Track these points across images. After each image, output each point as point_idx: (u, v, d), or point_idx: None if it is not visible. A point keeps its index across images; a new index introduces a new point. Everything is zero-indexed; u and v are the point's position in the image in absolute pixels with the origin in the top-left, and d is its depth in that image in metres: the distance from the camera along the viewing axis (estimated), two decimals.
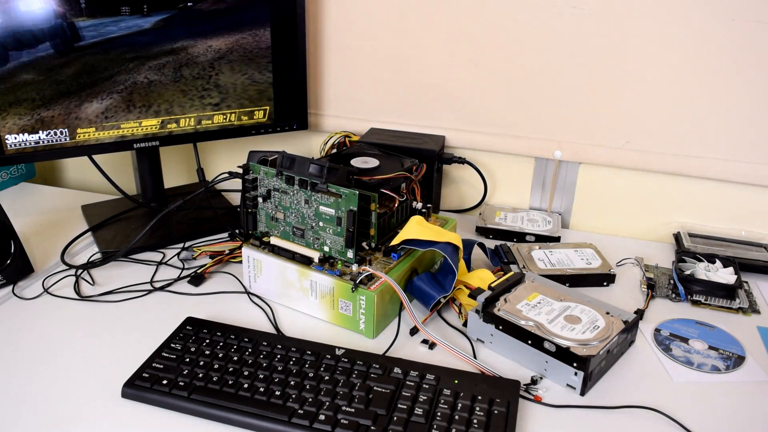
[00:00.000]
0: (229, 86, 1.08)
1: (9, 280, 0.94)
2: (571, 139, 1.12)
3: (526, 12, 1.06)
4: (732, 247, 1.05)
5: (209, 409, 0.69)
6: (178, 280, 0.96)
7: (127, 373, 0.74)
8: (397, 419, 0.67)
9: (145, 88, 1.02)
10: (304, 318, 0.88)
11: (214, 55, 1.05)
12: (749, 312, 0.91)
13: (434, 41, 1.13)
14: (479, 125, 1.16)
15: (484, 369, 0.77)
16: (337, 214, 0.83)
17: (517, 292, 0.85)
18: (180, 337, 0.79)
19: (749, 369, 0.80)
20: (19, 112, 0.96)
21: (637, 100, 1.06)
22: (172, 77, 1.04)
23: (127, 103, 1.02)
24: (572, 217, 1.19)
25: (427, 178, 1.07)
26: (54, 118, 0.98)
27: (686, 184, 1.10)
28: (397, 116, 1.20)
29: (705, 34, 0.99)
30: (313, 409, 0.68)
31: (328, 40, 1.18)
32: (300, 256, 0.87)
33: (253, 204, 0.90)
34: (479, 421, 0.67)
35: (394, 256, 0.88)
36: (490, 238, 1.11)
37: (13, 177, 1.32)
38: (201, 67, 1.05)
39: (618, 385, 0.76)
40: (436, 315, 0.89)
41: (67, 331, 0.84)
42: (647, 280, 0.96)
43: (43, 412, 0.70)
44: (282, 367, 0.74)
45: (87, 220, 1.14)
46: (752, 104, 1.01)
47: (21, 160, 0.99)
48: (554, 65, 1.08)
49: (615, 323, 0.79)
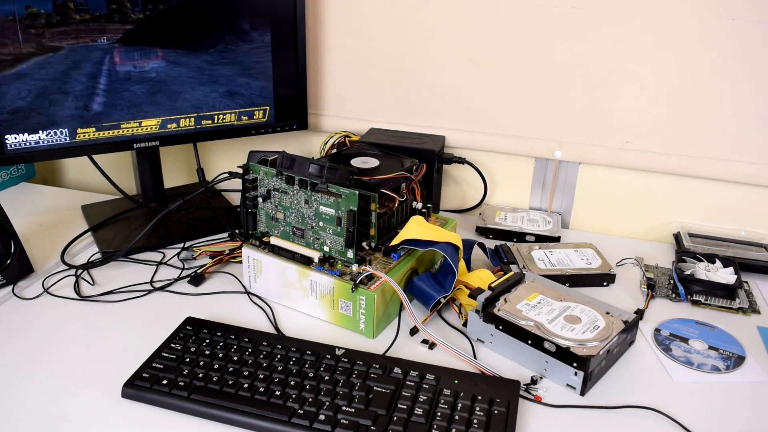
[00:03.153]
0: (228, 86, 1.08)
1: (9, 280, 0.94)
2: (571, 139, 1.12)
3: (526, 12, 1.06)
4: (732, 247, 1.05)
5: (209, 409, 0.69)
6: (178, 280, 0.96)
7: (127, 373, 0.74)
8: (397, 419, 0.67)
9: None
10: (304, 318, 0.88)
11: (214, 54, 1.05)
12: (749, 312, 0.91)
13: (434, 41, 1.13)
14: (479, 125, 1.16)
15: (484, 369, 0.77)
16: (337, 214, 0.83)
17: (517, 292, 0.85)
18: (180, 337, 0.79)
19: (749, 369, 0.80)
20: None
21: (637, 100, 1.06)
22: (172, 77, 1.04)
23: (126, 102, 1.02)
24: (572, 217, 1.19)
25: (427, 178, 1.07)
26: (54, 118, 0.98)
27: (686, 184, 1.10)
28: (397, 116, 1.20)
29: (705, 34, 0.99)
30: (313, 409, 0.68)
31: (328, 40, 1.19)
32: (300, 256, 0.87)
33: (253, 204, 0.90)
34: (479, 421, 0.67)
35: (394, 256, 0.88)
36: (490, 238, 1.11)
37: (13, 177, 1.32)
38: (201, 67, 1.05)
39: (618, 385, 0.76)
40: (436, 315, 0.89)
41: (67, 331, 0.84)
42: (647, 280, 0.96)
43: (43, 412, 0.70)
44: (282, 367, 0.74)
45: (87, 220, 1.14)
46: (752, 104, 1.01)
47: (21, 160, 0.99)
48: (554, 65, 1.08)
49: (615, 323, 0.79)
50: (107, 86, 0.98)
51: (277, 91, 1.12)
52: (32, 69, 0.89)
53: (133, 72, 0.99)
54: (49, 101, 0.90)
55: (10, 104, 0.86)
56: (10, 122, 0.87)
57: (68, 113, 0.95)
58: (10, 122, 0.87)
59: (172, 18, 0.99)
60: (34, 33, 0.86)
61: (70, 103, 0.94)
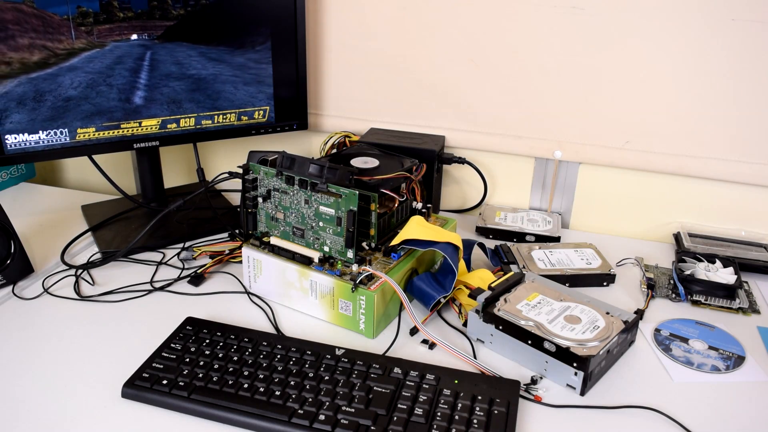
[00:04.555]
0: (229, 86, 1.08)
1: (9, 280, 0.94)
2: (571, 139, 1.12)
3: (526, 12, 1.06)
4: (732, 247, 1.05)
5: (209, 409, 0.69)
6: (178, 280, 0.96)
7: (127, 373, 0.74)
8: (397, 419, 0.67)
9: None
10: (304, 318, 0.88)
11: (213, 54, 1.05)
12: (749, 312, 0.91)
13: (434, 41, 1.13)
14: (479, 125, 1.16)
15: (484, 369, 0.77)
16: (337, 214, 0.83)
17: (517, 292, 0.85)
18: (180, 337, 0.79)
19: (749, 369, 0.80)
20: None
21: (637, 100, 1.06)
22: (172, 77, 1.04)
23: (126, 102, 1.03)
24: (572, 217, 1.19)
25: (427, 178, 1.07)
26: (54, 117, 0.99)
27: (686, 184, 1.10)
28: (397, 116, 1.20)
29: (705, 34, 0.99)
30: (313, 409, 0.68)
31: (328, 40, 1.19)
32: (300, 256, 0.87)
33: (253, 204, 0.90)
34: (479, 421, 0.67)
35: (394, 256, 0.88)
36: (490, 238, 1.11)
37: (13, 177, 1.32)
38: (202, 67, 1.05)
39: (618, 385, 0.76)
40: (436, 315, 0.89)
41: (67, 331, 0.84)
42: (647, 280, 0.96)
43: (42, 412, 0.70)
44: (282, 367, 0.74)
45: (87, 220, 1.14)
46: (752, 104, 1.01)
47: (21, 160, 0.99)
48: (554, 65, 1.08)
49: (615, 323, 0.79)
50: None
51: (277, 91, 1.12)
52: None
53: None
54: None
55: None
56: (64, 108, 0.97)
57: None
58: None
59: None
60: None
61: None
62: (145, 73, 1.02)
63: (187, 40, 1.03)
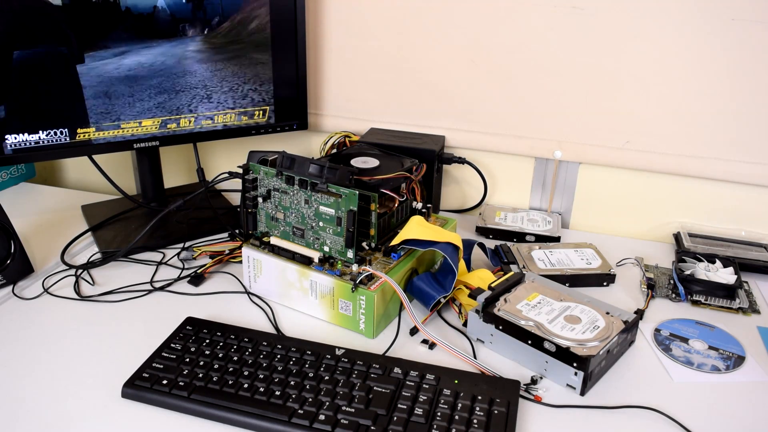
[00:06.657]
0: (229, 86, 1.08)
1: (9, 280, 0.94)
2: (571, 139, 1.12)
3: (526, 12, 1.06)
4: (732, 247, 1.05)
5: (209, 409, 0.69)
6: (178, 280, 0.96)
7: (127, 373, 0.74)
8: (397, 419, 0.67)
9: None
10: (304, 318, 0.88)
11: (214, 54, 1.05)
12: (749, 312, 0.91)
13: (434, 41, 1.13)
14: (479, 125, 1.16)
15: (484, 369, 0.77)
16: (337, 214, 0.83)
17: (517, 292, 0.85)
18: (180, 337, 0.79)
19: (749, 369, 0.80)
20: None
21: (637, 100, 1.06)
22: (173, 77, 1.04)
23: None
24: (572, 217, 1.19)
25: (427, 178, 1.07)
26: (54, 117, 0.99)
27: (686, 184, 1.10)
28: (397, 116, 1.20)
29: (705, 34, 0.99)
30: (313, 409, 0.68)
31: (328, 40, 1.19)
32: (300, 256, 0.87)
33: (253, 204, 0.90)
34: (479, 421, 0.67)
35: (394, 256, 0.88)
36: (490, 238, 1.11)
37: (13, 177, 1.32)
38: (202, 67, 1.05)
39: (618, 385, 0.76)
40: (436, 315, 0.89)
41: (67, 331, 0.84)
42: (647, 280, 0.96)
43: (42, 412, 0.70)
44: (282, 367, 0.74)
45: (87, 220, 1.14)
46: (752, 104, 1.01)
47: (21, 160, 0.99)
48: (554, 65, 1.08)
49: (615, 323, 0.79)
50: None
51: (277, 91, 1.12)
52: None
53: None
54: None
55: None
56: (106, 93, 1.01)
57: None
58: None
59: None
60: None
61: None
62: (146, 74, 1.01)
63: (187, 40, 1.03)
